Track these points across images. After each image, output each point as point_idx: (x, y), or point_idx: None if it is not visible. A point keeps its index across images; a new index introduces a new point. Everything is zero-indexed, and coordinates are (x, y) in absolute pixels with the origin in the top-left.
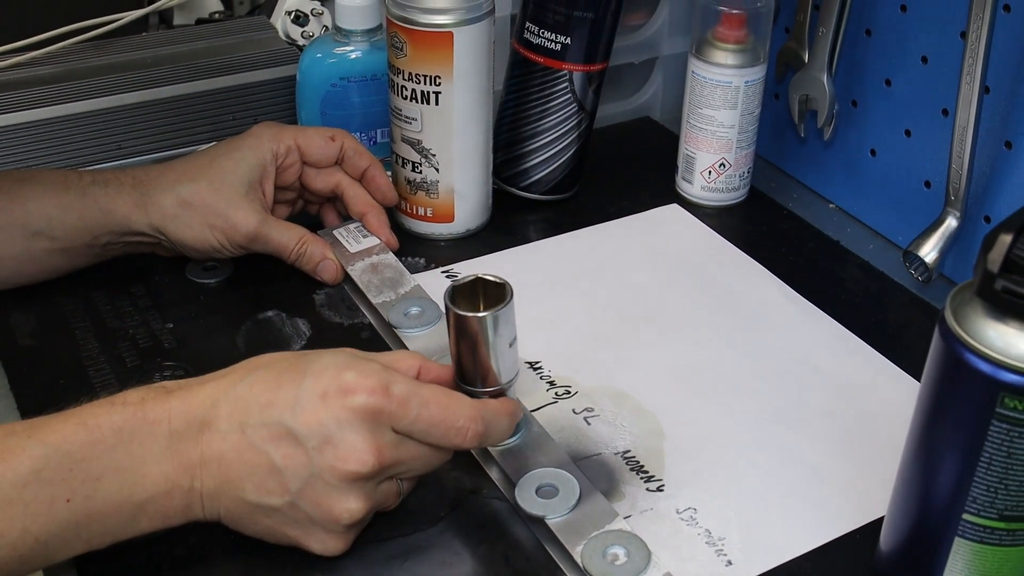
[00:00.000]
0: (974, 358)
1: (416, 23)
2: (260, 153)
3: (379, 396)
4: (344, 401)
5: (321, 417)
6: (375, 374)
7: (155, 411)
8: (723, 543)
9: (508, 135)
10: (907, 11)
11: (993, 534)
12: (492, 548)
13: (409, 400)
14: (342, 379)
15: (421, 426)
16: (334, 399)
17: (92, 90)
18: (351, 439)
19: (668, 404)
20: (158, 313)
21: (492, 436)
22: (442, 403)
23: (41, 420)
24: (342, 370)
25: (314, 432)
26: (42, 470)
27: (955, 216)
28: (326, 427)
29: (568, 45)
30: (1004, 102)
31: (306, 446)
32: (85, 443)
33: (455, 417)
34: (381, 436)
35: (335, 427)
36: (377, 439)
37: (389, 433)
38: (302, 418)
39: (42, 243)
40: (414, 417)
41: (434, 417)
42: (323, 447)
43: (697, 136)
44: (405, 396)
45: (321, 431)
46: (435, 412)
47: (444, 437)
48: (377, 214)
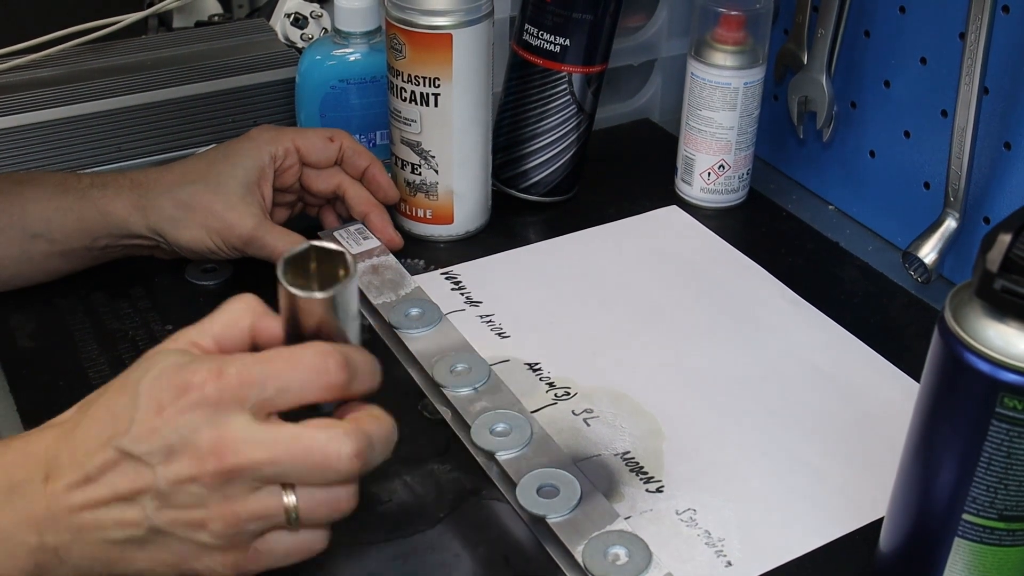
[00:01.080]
0: (974, 358)
1: (415, 25)
2: (258, 155)
3: (213, 383)
4: (179, 405)
5: (159, 429)
6: (205, 363)
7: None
8: (723, 544)
9: (507, 137)
10: (906, 12)
11: (993, 534)
12: (492, 549)
13: (248, 369)
14: (173, 383)
15: (274, 386)
16: (169, 407)
17: (92, 92)
18: (192, 441)
19: (667, 405)
20: (157, 315)
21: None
22: (285, 354)
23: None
24: (173, 374)
25: (155, 447)
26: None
27: (954, 217)
28: (165, 438)
29: (567, 47)
30: (1003, 103)
31: (151, 464)
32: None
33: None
34: (225, 430)
35: (174, 434)
36: (219, 434)
37: (237, 424)
38: (140, 437)
39: (41, 245)
40: (262, 383)
41: (283, 371)
42: (167, 460)
43: (696, 138)
44: (242, 368)
45: (162, 443)
46: (282, 365)
47: (306, 386)
48: (380, 213)
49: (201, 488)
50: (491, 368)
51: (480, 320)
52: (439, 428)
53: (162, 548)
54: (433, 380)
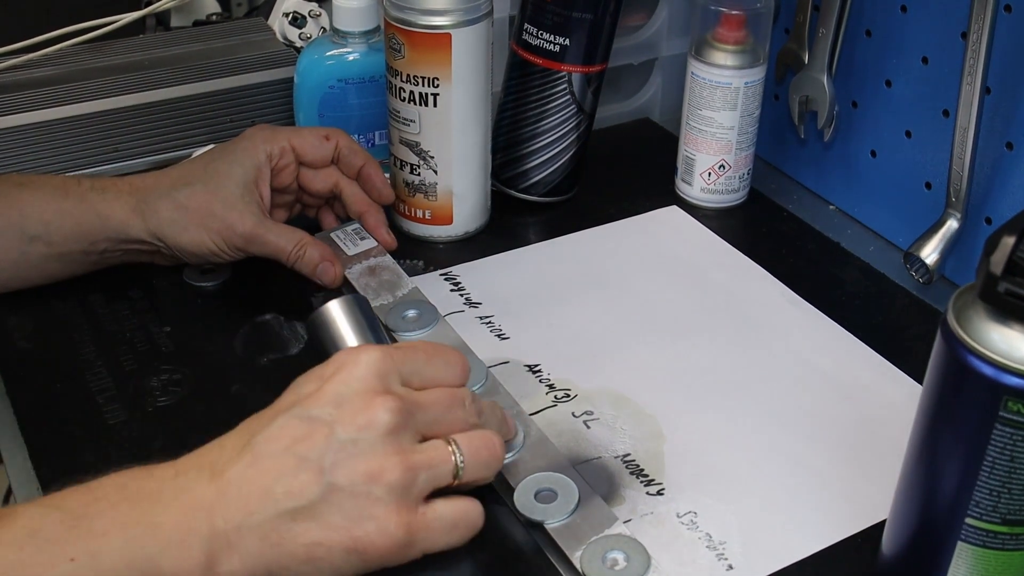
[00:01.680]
0: (977, 361)
1: (414, 24)
2: (254, 155)
3: (371, 351)
4: (343, 371)
5: (327, 391)
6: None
7: (161, 469)
8: (724, 547)
9: (507, 137)
10: (907, 12)
11: (996, 538)
12: (491, 553)
13: (400, 346)
14: (334, 361)
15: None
16: (333, 375)
17: (89, 92)
18: (362, 392)
19: (668, 407)
20: (156, 316)
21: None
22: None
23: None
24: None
25: (326, 405)
26: (40, 529)
27: (956, 217)
28: (335, 395)
29: (567, 46)
30: (1005, 103)
31: (325, 421)
32: (86, 501)
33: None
34: (390, 383)
35: (345, 390)
36: (387, 385)
37: (397, 383)
38: (310, 401)
39: (39, 248)
40: (411, 356)
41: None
42: (340, 412)
43: (696, 137)
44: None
45: (332, 400)
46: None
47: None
48: (375, 213)
49: (376, 435)
50: (489, 370)
51: (480, 321)
52: None
53: (334, 511)
54: None
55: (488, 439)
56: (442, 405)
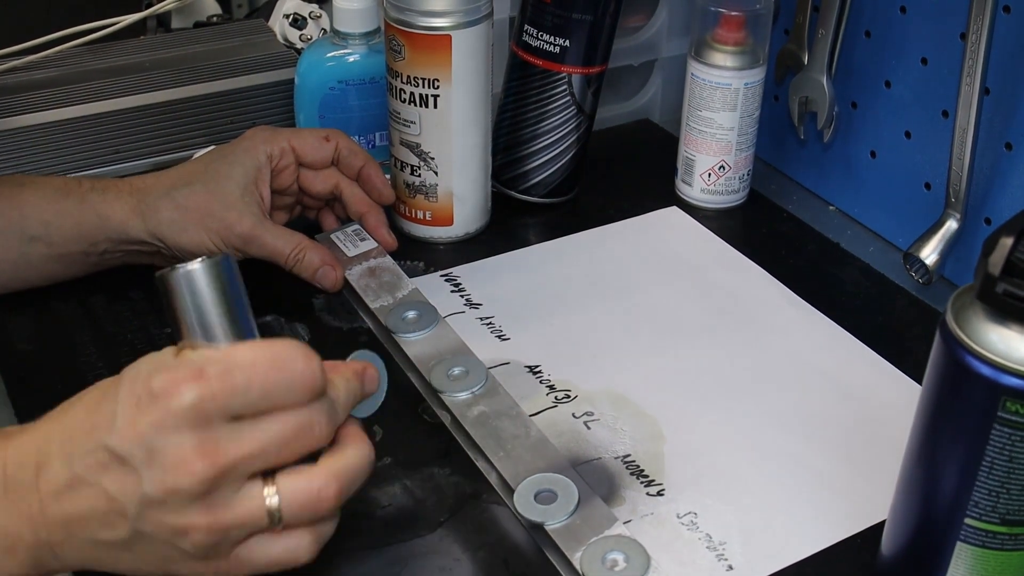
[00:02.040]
0: (975, 362)
1: (414, 26)
2: (254, 156)
3: (193, 385)
4: (159, 404)
5: (139, 428)
6: (185, 363)
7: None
8: (724, 547)
9: (507, 138)
10: (907, 12)
11: (995, 538)
12: (492, 553)
13: (231, 372)
14: (152, 382)
15: (255, 393)
16: (147, 405)
17: (91, 94)
18: (175, 446)
19: (668, 408)
20: (156, 318)
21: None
22: (268, 357)
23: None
24: (152, 371)
25: (136, 447)
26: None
27: (955, 218)
28: (146, 438)
29: (567, 47)
30: (1004, 103)
31: (135, 467)
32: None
33: (292, 361)
34: (211, 431)
35: (156, 436)
36: (205, 437)
37: (221, 424)
38: (121, 433)
39: (39, 248)
40: (244, 386)
41: (267, 376)
42: (150, 462)
43: (696, 138)
44: (224, 369)
45: (143, 444)
46: (264, 370)
47: (288, 392)
48: (375, 214)
49: (184, 498)
50: (488, 371)
51: (480, 322)
52: (439, 432)
53: (147, 550)
54: (431, 385)
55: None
56: (277, 444)
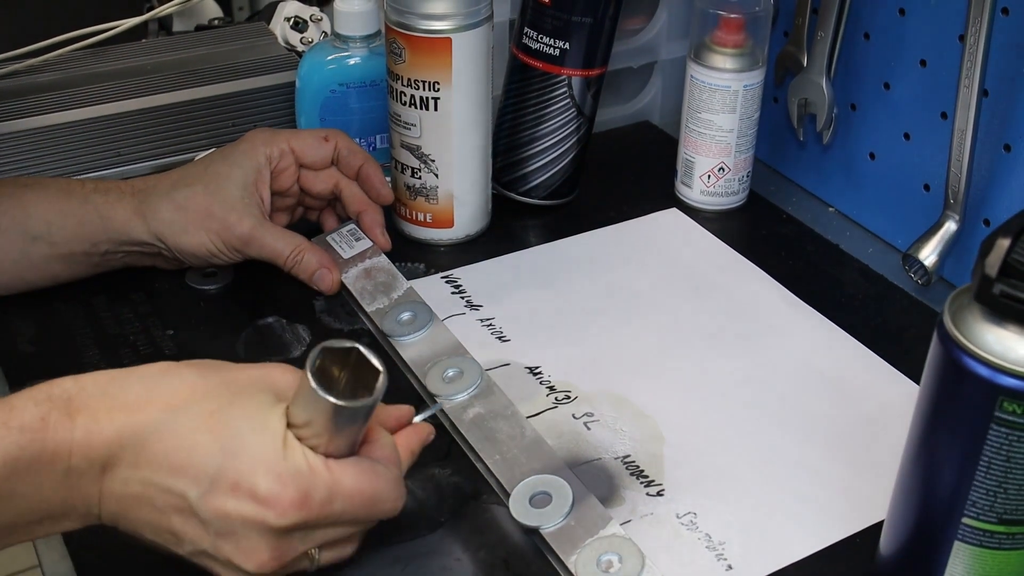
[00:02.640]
0: (973, 362)
1: (415, 29)
2: (254, 157)
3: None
4: (255, 509)
5: (228, 511)
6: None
7: (55, 441)
8: (723, 547)
9: (507, 140)
10: (905, 15)
11: (993, 538)
12: (492, 553)
13: (332, 502)
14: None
15: (346, 520)
16: (246, 500)
17: (91, 97)
18: (255, 543)
19: (668, 409)
20: (158, 319)
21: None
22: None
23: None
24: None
25: (219, 521)
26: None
27: (954, 219)
28: (231, 523)
29: (567, 50)
30: (1003, 105)
31: (207, 528)
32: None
33: (382, 502)
34: (287, 549)
35: (240, 526)
36: (283, 543)
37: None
38: (209, 504)
39: (41, 248)
40: (338, 515)
41: (359, 511)
42: (226, 537)
43: (696, 140)
44: (327, 498)
45: (226, 524)
46: (360, 505)
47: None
48: (372, 213)
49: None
50: (484, 371)
51: (480, 324)
52: (439, 433)
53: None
54: (426, 389)
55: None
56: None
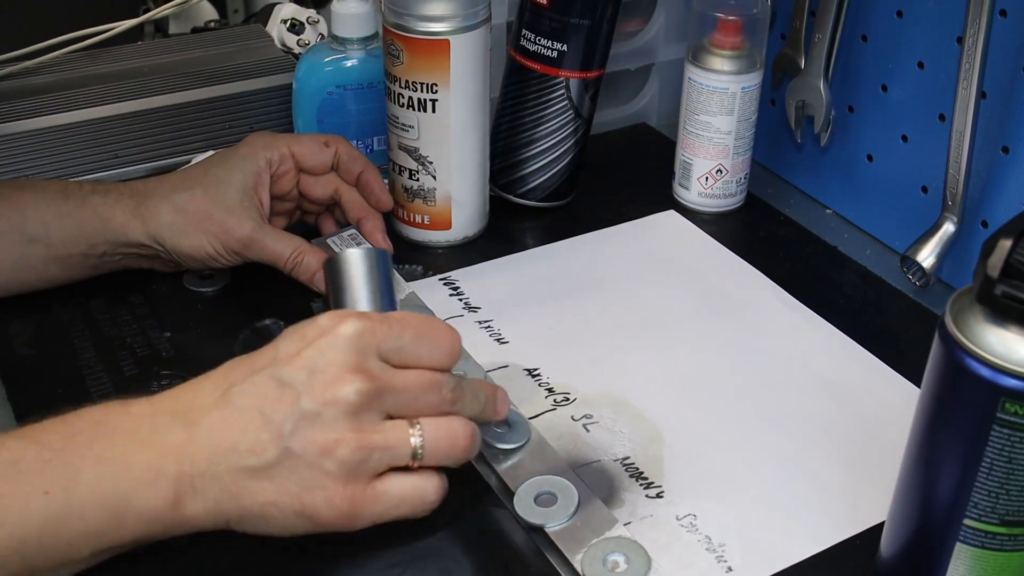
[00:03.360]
0: (974, 363)
1: (412, 31)
2: (254, 161)
3: (356, 320)
4: (324, 338)
5: (304, 356)
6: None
7: (138, 406)
8: (723, 549)
9: (505, 142)
10: (903, 17)
11: (994, 539)
12: (492, 556)
13: (389, 319)
14: (319, 323)
15: (406, 340)
16: (314, 340)
17: (88, 99)
18: (336, 364)
19: (667, 410)
20: (156, 322)
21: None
22: (421, 318)
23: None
24: (315, 319)
25: (299, 370)
26: (19, 461)
27: (952, 221)
28: (311, 361)
29: (564, 52)
30: (1001, 107)
31: (295, 387)
32: (64, 435)
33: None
34: (367, 359)
35: (320, 359)
36: (362, 361)
37: (375, 359)
38: (286, 363)
39: (39, 250)
40: (398, 332)
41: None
42: (311, 381)
43: (694, 142)
44: (383, 317)
45: (307, 366)
46: (416, 325)
47: (432, 349)
48: (373, 219)
49: (338, 411)
50: (487, 374)
51: (479, 326)
52: None
53: (288, 476)
54: None
55: (453, 430)
56: (416, 389)
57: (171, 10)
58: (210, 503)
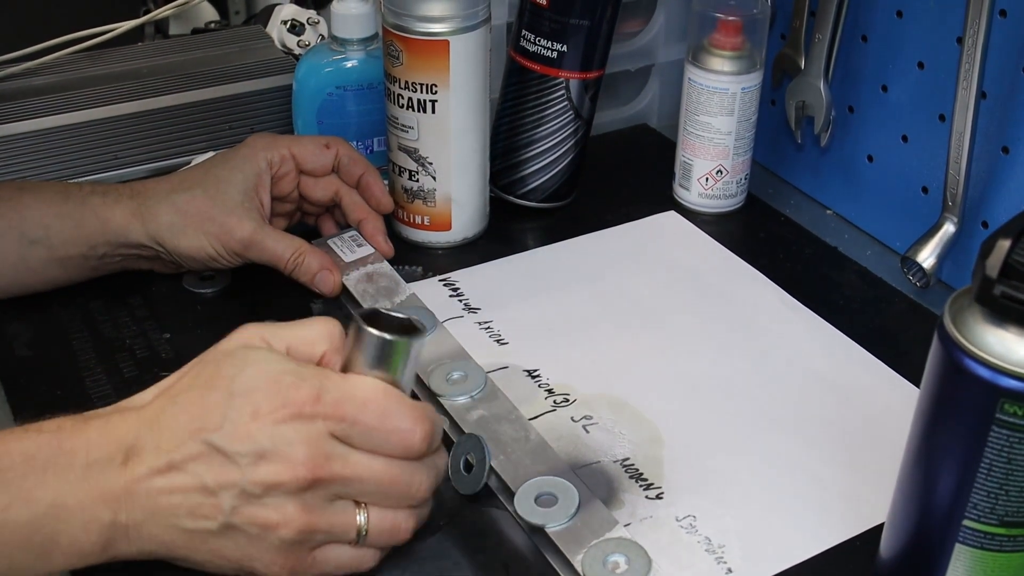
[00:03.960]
0: (973, 364)
1: (412, 31)
2: (255, 162)
3: (310, 405)
4: (275, 416)
5: (253, 433)
6: (306, 383)
7: (71, 440)
8: (723, 551)
9: (505, 143)
10: (903, 17)
11: (994, 540)
12: (491, 557)
13: (343, 404)
14: (273, 395)
15: (360, 430)
16: (266, 416)
17: (88, 100)
18: (284, 451)
19: (667, 411)
20: (155, 323)
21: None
22: (381, 404)
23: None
24: (271, 385)
25: (247, 449)
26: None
27: (953, 221)
28: (259, 443)
29: (564, 53)
30: (1001, 107)
31: (239, 463)
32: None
33: (398, 418)
34: (318, 446)
35: (268, 442)
36: (313, 449)
37: (329, 443)
38: (233, 436)
39: (39, 252)
40: (351, 421)
41: (372, 421)
42: (256, 463)
43: (694, 143)
44: (339, 399)
45: (254, 447)
46: (372, 416)
47: (388, 442)
48: (374, 221)
49: (283, 494)
50: (488, 375)
51: (478, 327)
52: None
53: (228, 543)
54: (430, 389)
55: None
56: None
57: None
58: (144, 549)
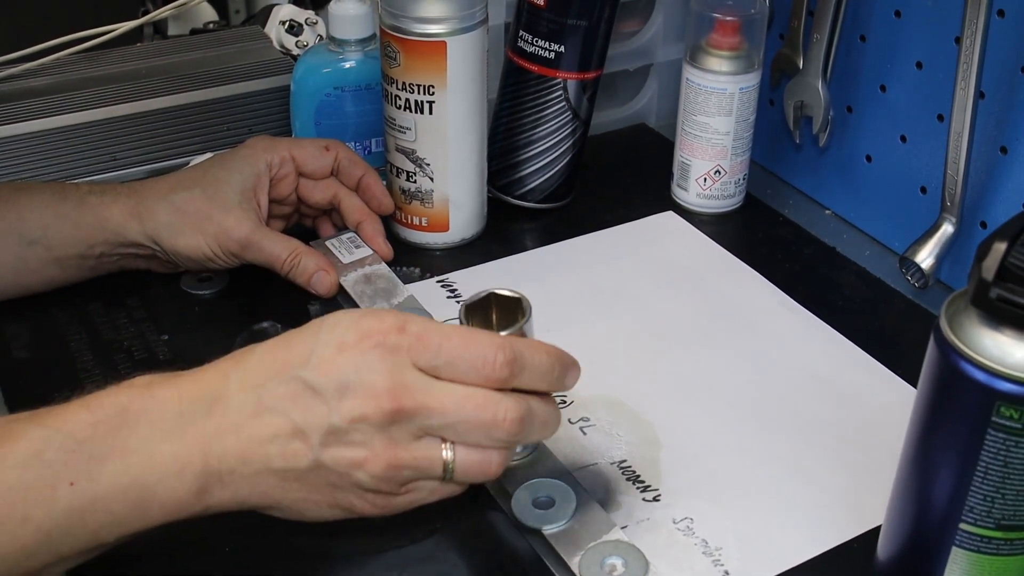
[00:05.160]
0: (969, 367)
1: (409, 32)
2: (254, 163)
3: (395, 334)
4: (361, 347)
5: (339, 365)
6: (390, 316)
7: (163, 391)
8: (720, 553)
9: (503, 144)
10: (901, 17)
11: (990, 543)
12: (488, 559)
13: (428, 333)
14: (358, 327)
15: (444, 358)
16: (351, 347)
17: (86, 101)
18: (369, 381)
19: (664, 413)
20: (153, 325)
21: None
22: (464, 334)
23: (45, 409)
24: (357, 320)
25: (332, 381)
26: (43, 452)
27: (951, 222)
28: (344, 374)
29: (562, 53)
30: (999, 107)
31: (325, 396)
32: (88, 424)
33: (480, 345)
34: (402, 376)
35: (353, 373)
36: (396, 378)
37: (412, 373)
38: (319, 369)
39: (37, 252)
40: (436, 349)
41: (456, 348)
42: (342, 394)
43: (692, 143)
44: (423, 331)
45: (339, 378)
46: (457, 343)
47: (472, 368)
48: (372, 223)
49: (369, 427)
50: None
51: None
52: None
53: (319, 481)
54: None
55: (487, 458)
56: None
57: (170, 12)
58: (238, 495)
